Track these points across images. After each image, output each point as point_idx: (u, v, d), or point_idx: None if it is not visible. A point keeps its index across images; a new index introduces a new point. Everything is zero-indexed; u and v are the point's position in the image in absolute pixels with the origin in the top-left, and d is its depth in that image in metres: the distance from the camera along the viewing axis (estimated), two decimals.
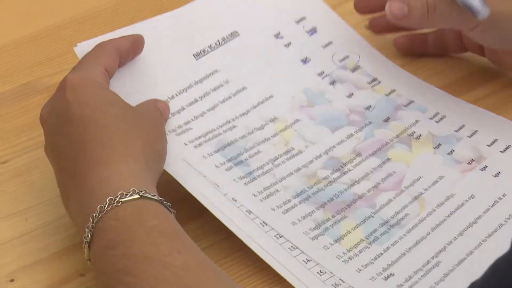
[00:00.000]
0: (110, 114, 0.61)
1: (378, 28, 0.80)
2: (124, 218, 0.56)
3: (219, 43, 0.75)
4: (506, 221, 0.64)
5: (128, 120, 0.62)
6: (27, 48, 0.81)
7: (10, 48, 0.82)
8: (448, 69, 0.79)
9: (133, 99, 0.67)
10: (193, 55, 0.73)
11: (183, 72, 0.73)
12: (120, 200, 0.56)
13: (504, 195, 0.66)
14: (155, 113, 0.67)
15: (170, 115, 0.69)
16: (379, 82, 0.76)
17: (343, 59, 0.78)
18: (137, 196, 0.57)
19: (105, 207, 0.56)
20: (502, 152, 0.71)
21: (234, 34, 0.76)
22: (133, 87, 0.70)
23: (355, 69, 0.77)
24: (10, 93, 0.78)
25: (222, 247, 0.65)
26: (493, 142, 0.71)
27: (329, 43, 0.78)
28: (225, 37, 0.75)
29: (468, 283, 0.56)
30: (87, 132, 0.61)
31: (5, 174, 0.71)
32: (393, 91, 0.75)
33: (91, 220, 0.56)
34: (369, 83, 0.76)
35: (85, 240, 0.57)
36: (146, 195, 0.57)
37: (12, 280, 0.64)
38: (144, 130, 0.63)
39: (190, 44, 0.74)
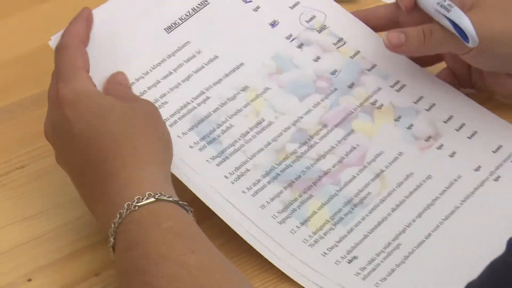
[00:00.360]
0: (110, 122, 0.62)
1: None
2: (140, 221, 0.58)
3: (190, 14, 0.75)
4: (462, 204, 0.68)
5: (130, 122, 0.63)
6: (43, 58, 0.79)
7: (27, 57, 0.84)
8: None
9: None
10: (165, 29, 0.74)
11: (156, 47, 0.73)
12: (137, 204, 0.58)
13: (459, 176, 0.70)
14: (148, 103, 0.67)
15: (146, 89, 0.70)
16: (345, 43, 0.77)
17: (310, 19, 0.78)
18: (152, 199, 0.58)
19: (124, 213, 0.58)
20: (457, 130, 0.73)
21: (203, 3, 0.76)
22: (108, 66, 0.70)
23: (321, 29, 0.78)
24: (28, 101, 0.80)
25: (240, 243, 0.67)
26: (449, 119, 0.74)
27: (297, 3, 0.79)
28: (195, 7, 0.75)
29: (427, 265, 0.65)
30: (93, 146, 0.62)
31: (22, 179, 0.73)
32: (357, 53, 0.76)
33: (113, 225, 0.59)
34: (335, 44, 0.77)
35: (109, 245, 0.59)
36: (162, 197, 0.59)
37: (29, 280, 0.66)
38: (145, 127, 0.64)
39: (161, 18, 0.75)
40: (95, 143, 0.63)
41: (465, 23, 0.69)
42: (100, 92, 0.66)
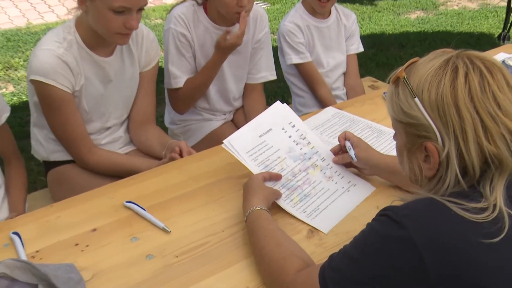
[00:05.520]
0: (256, 189, 1.73)
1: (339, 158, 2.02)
2: (254, 215, 1.63)
3: (266, 132, 2.01)
4: (338, 197, 1.89)
5: (260, 190, 1.73)
6: (229, 164, 2.03)
7: (224, 164, 2.06)
8: None
9: (242, 152, 1.96)
10: (259, 136, 2.00)
11: (255, 141, 1.97)
12: (254, 209, 1.64)
13: (343, 188, 1.94)
14: (272, 191, 1.77)
15: (251, 151, 1.96)
16: (310, 143, 2.04)
17: (301, 136, 2.06)
18: (259, 208, 1.64)
19: (249, 212, 1.64)
20: (338, 175, 2.01)
21: (269, 130, 2.02)
22: (240, 148, 1.97)
23: (304, 138, 2.04)
24: (224, 180, 1.98)
25: (286, 222, 1.77)
26: (339, 174, 2.01)
27: (298, 129, 2.05)
28: (268, 130, 2.02)
29: (329, 215, 1.85)
30: (246, 192, 1.75)
31: (219, 200, 1.89)
32: (313, 147, 2.04)
33: (246, 214, 1.66)
34: (307, 144, 2.03)
35: (244, 220, 1.66)
36: (262, 208, 1.64)
37: (223, 231, 1.71)
38: (265, 193, 1.73)
39: (258, 132, 2.00)
40: (248, 192, 1.72)
41: (353, 155, 1.93)
42: (260, 180, 1.76)
